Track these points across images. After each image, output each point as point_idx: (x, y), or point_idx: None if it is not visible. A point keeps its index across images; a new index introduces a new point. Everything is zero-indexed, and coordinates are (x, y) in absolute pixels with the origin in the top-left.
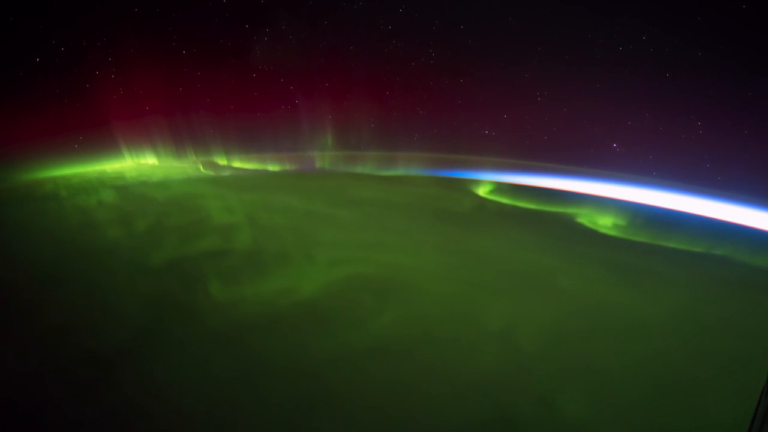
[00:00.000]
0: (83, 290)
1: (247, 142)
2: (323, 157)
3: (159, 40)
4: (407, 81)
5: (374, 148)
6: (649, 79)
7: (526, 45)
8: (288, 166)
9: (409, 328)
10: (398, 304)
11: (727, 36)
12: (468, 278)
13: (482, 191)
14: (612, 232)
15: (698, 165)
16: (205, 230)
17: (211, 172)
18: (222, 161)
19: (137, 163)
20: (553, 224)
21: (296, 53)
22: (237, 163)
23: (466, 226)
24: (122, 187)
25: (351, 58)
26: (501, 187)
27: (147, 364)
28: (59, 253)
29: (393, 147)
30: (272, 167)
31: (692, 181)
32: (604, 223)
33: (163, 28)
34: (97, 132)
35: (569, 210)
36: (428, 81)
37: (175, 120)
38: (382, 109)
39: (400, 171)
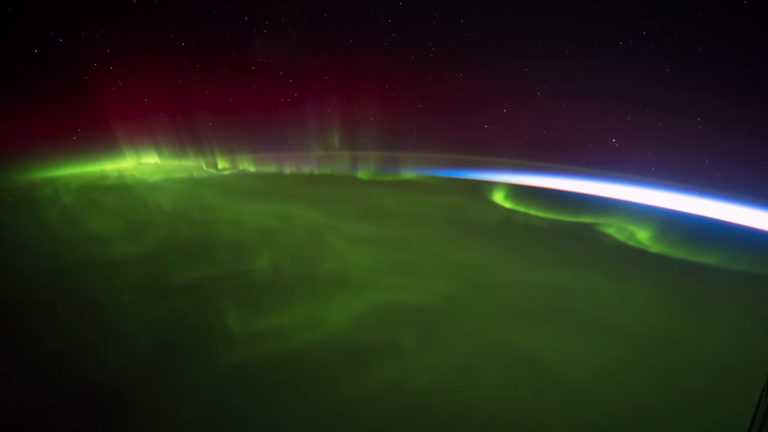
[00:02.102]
0: (86, 310)
1: (249, 140)
2: (328, 158)
3: (158, 33)
4: (407, 75)
5: (376, 145)
6: (649, 74)
7: (525, 39)
8: (293, 167)
9: (453, 368)
10: (439, 338)
11: (727, 32)
12: (511, 307)
13: (499, 197)
14: (647, 247)
15: (697, 161)
16: (217, 246)
17: (214, 172)
18: (225, 162)
19: (138, 163)
20: (586, 240)
21: (296, 47)
22: (241, 164)
23: (497, 244)
24: (125, 192)
25: (351, 51)
26: (516, 192)
27: (157, 399)
28: (59, 266)
29: (395, 145)
30: (277, 168)
31: (691, 177)
32: (636, 235)
33: (161, 19)
34: (97, 130)
35: (595, 220)
36: (427, 75)
37: (177, 117)
38: (383, 105)
39: (406, 172)
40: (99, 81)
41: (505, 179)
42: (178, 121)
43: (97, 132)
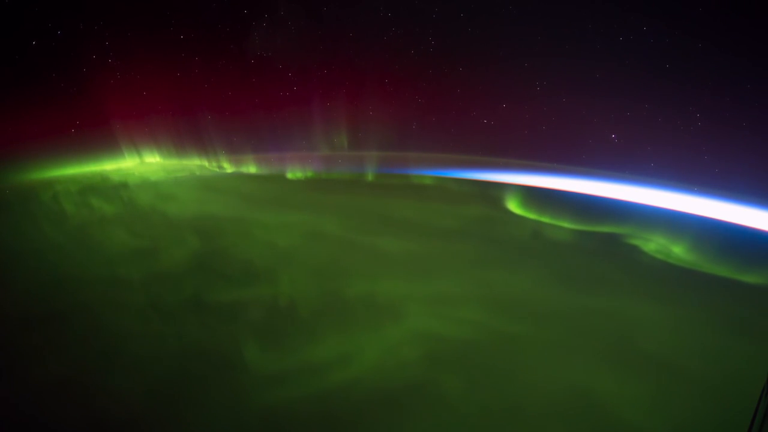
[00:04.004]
0: (88, 329)
1: (248, 137)
2: (329, 158)
3: (157, 26)
4: (406, 69)
5: (376, 143)
6: (649, 70)
7: (525, 34)
8: (295, 167)
9: (505, 413)
10: (485, 378)
11: (727, 28)
12: (557, 340)
13: (516, 204)
14: (686, 263)
15: (696, 157)
16: (228, 262)
17: (216, 170)
18: (228, 161)
19: (140, 162)
20: (620, 257)
21: (296, 40)
22: (243, 163)
23: (530, 264)
24: (127, 196)
25: (351, 45)
26: (531, 197)
27: None
28: (58, 279)
29: (395, 142)
30: (279, 167)
31: (689, 173)
32: (671, 249)
33: (161, 13)
34: (96, 126)
35: (623, 230)
36: (427, 69)
37: (178, 114)
38: (383, 100)
39: (410, 173)
40: (98, 77)
41: (510, 179)
42: (180, 117)
43: (97, 129)
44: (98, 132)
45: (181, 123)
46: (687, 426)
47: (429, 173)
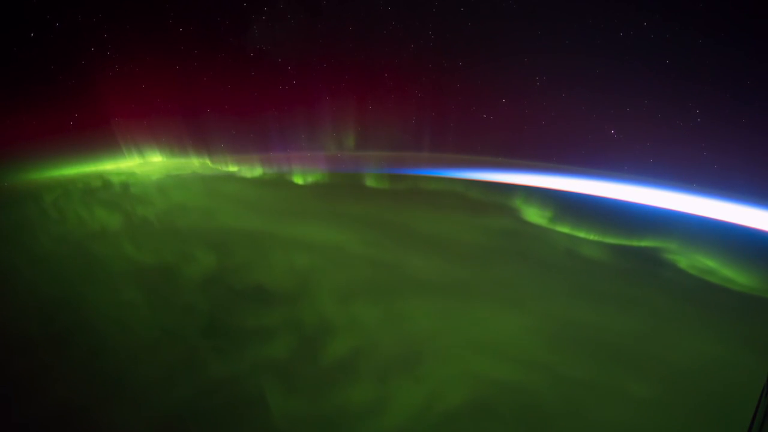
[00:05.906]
0: (91, 354)
1: (253, 137)
2: (330, 158)
3: (156, 19)
4: (406, 64)
5: (376, 141)
6: (649, 65)
7: (525, 29)
8: (303, 170)
9: None
10: None
11: (728, 24)
12: (628, 382)
13: (536, 211)
14: (746, 288)
15: (695, 154)
16: (243, 284)
17: (219, 169)
18: (230, 161)
19: (140, 162)
20: (667, 279)
21: (295, 33)
22: (248, 164)
23: (576, 288)
24: (129, 200)
25: (350, 38)
26: (550, 204)
27: None
28: (57, 295)
29: (396, 140)
30: (286, 168)
31: (688, 170)
32: (718, 270)
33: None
34: (95, 123)
35: (656, 243)
36: (426, 64)
37: (179, 110)
38: (382, 94)
39: (415, 173)
40: (97, 71)
41: (514, 179)
42: (181, 114)
43: (96, 126)
44: (97, 129)
45: (183, 120)
46: None
47: (432, 173)
